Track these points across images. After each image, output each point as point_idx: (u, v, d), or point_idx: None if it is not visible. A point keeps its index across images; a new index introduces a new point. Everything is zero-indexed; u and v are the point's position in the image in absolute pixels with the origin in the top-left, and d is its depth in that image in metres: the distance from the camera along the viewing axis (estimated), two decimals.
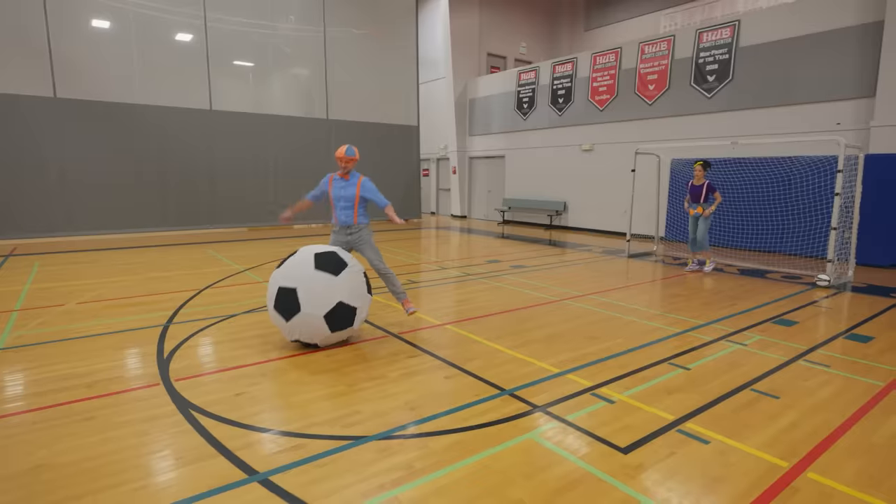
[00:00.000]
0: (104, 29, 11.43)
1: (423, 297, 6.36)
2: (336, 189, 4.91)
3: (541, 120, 14.90)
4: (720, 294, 6.54)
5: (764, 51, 9.97)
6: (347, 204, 4.88)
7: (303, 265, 4.12)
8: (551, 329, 4.97)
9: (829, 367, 4.04)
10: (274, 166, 13.95)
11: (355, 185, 4.92)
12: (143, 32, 11.82)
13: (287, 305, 3.99)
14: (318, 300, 3.98)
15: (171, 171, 12.36)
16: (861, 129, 8.69)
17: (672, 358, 4.18)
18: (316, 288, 4.00)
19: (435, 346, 4.44)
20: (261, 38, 13.51)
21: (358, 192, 4.90)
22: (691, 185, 7.97)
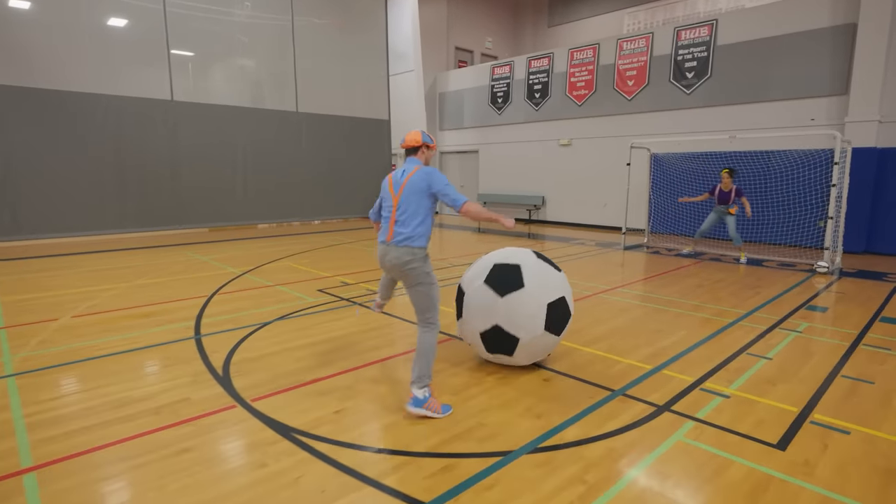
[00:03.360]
0: (52, 11, 10.20)
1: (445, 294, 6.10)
2: None
3: (516, 114, 14.92)
4: (738, 283, 6.74)
5: (741, 49, 10.43)
6: None
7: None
8: (609, 324, 4.88)
9: (889, 349, 4.21)
10: (242, 162, 13.09)
11: None
12: (95, 16, 10.66)
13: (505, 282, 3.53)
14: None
15: (130, 167, 11.26)
16: (834, 124, 9.27)
17: (747, 348, 4.21)
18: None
19: None
20: (226, 27, 12.59)
21: None
22: (719, 190, 8.29)
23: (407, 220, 3.09)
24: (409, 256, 3.06)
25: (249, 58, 13.30)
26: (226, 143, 12.77)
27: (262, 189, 13.54)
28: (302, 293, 6.07)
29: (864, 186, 8.90)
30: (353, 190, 15.52)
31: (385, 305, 3.90)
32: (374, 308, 3.87)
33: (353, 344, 4.29)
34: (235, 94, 13.00)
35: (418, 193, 3.10)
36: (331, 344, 4.28)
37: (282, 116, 13.75)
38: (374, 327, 4.76)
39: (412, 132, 3.29)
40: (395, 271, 3.17)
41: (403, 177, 3.19)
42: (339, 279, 6.89)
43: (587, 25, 17.81)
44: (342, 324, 4.85)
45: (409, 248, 3.07)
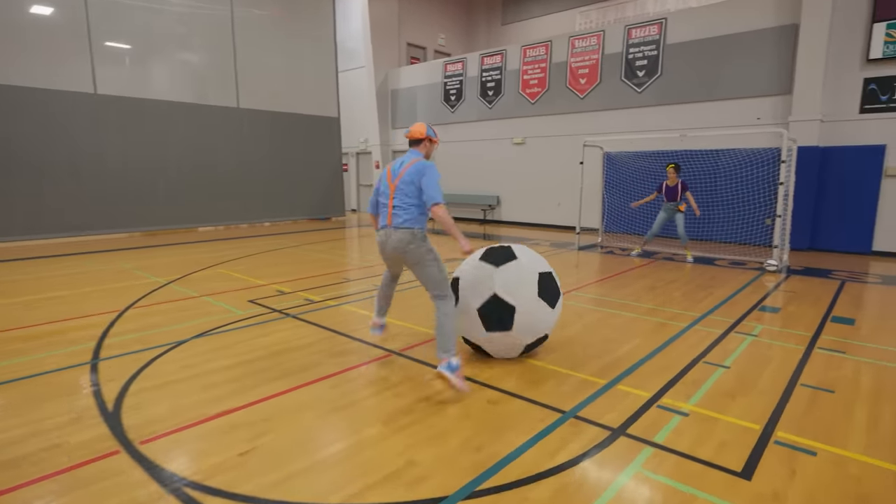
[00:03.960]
0: None
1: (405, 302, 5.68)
2: None
3: (470, 112, 14.61)
4: (691, 284, 6.61)
5: (690, 48, 10.47)
6: None
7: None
8: (563, 332, 4.57)
9: (844, 352, 4.07)
10: (178, 160, 12.19)
11: None
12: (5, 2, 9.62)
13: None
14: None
15: (48, 164, 10.23)
16: (780, 123, 9.39)
17: (704, 356, 3.97)
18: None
19: None
20: (158, 15, 11.68)
21: None
22: (666, 186, 8.15)
23: (404, 207, 3.35)
24: (409, 237, 3.33)
25: (187, 50, 12.42)
26: (160, 140, 11.86)
27: (202, 190, 12.68)
28: (230, 305, 5.49)
29: (808, 184, 9.04)
30: (303, 190, 14.83)
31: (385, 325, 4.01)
32: (375, 331, 3.95)
33: (279, 364, 3.79)
34: (172, 88, 12.09)
35: (413, 184, 3.34)
36: (253, 365, 3.76)
37: (222, 112, 12.93)
38: (308, 343, 4.27)
39: (417, 124, 3.48)
40: (398, 255, 3.41)
41: (401, 167, 3.42)
42: (275, 287, 6.32)
43: (540, 24, 17.72)
44: (270, 340, 4.34)
45: (409, 230, 3.33)
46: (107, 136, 11.01)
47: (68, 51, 10.45)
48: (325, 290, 6.17)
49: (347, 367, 3.75)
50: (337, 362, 3.84)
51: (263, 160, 13.90)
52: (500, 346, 3.73)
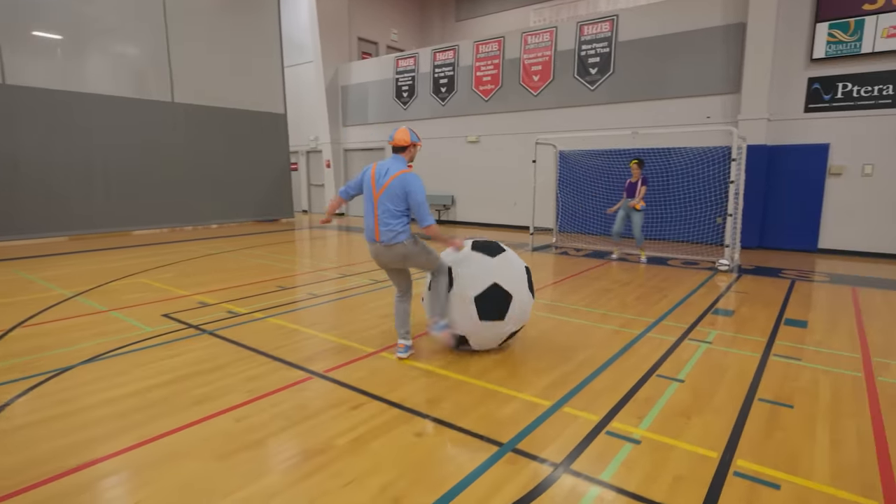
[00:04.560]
0: None
1: (336, 315, 5.19)
2: None
3: (422, 110, 14.17)
4: (645, 286, 6.39)
5: (641, 46, 10.37)
6: None
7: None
8: (514, 341, 4.20)
9: (800, 359, 3.87)
10: (104, 158, 11.21)
11: None
12: None
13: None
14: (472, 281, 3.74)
15: None
16: (729, 122, 9.39)
17: (657, 368, 3.68)
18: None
19: (379, 385, 3.39)
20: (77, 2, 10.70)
21: None
22: (629, 183, 7.91)
23: (389, 219, 3.50)
24: (403, 249, 3.56)
25: (114, 40, 11.45)
26: (85, 136, 10.87)
27: (137, 190, 11.74)
28: (140, 320, 4.86)
29: (756, 183, 9.06)
30: (249, 191, 14.02)
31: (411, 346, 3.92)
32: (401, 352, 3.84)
33: (179, 393, 3.25)
34: (97, 80, 11.11)
35: (397, 198, 3.50)
36: (145, 396, 3.21)
37: (155, 107, 12.01)
38: (219, 365, 3.72)
39: (400, 130, 3.60)
40: (395, 263, 3.66)
41: (386, 177, 3.52)
42: (197, 298, 5.70)
43: (494, 21, 17.48)
44: (175, 363, 3.77)
45: (401, 244, 3.53)
46: (19, 131, 9.97)
47: None
48: (253, 301, 5.60)
49: (260, 394, 3.25)
50: (248, 389, 3.33)
51: (205, 158, 13.04)
52: (486, 336, 3.80)
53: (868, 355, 3.97)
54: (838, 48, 8.53)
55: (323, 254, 9.41)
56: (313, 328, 4.63)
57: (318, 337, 4.38)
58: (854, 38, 8.40)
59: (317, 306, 5.44)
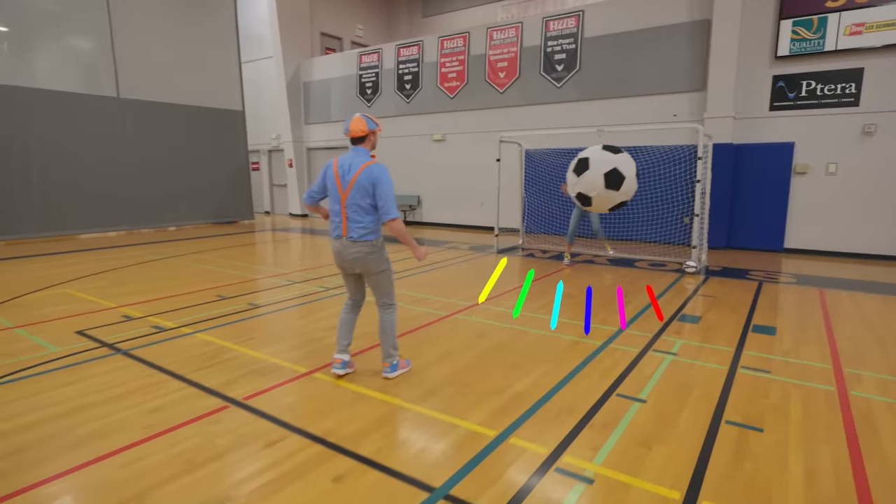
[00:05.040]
0: None
1: (273, 328, 4.72)
2: None
3: (387, 107, 13.71)
4: (610, 290, 6.10)
5: (607, 42, 10.15)
6: None
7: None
8: (456, 361, 3.82)
9: (769, 372, 3.60)
10: (41, 157, 10.42)
11: None
12: None
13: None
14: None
15: None
16: (695, 120, 9.24)
17: (617, 385, 3.35)
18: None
19: (303, 415, 2.96)
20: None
21: None
22: None
23: (358, 216, 3.20)
24: (369, 249, 3.25)
25: (50, 30, 10.65)
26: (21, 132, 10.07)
27: (81, 191, 10.97)
28: (50, 339, 4.31)
29: (723, 182, 8.92)
30: (206, 191, 13.33)
31: (350, 362, 3.56)
32: (337, 368, 3.47)
33: (59, 434, 2.75)
34: (31, 73, 10.31)
35: (366, 192, 3.16)
36: (27, 434, 2.71)
37: (98, 103, 11.24)
38: (124, 393, 3.24)
39: (355, 120, 3.22)
40: (357, 264, 3.29)
41: (351, 173, 3.18)
42: (123, 311, 5.16)
43: (462, 17, 17.13)
44: (73, 391, 3.27)
45: (369, 242, 3.23)
46: None
47: None
48: (185, 313, 5.09)
49: (161, 429, 2.79)
50: (148, 423, 2.86)
51: (158, 157, 12.32)
52: (604, 198, 6.15)
53: (839, 365, 3.73)
54: (802, 45, 8.45)
55: (277, 259, 8.89)
56: (244, 345, 4.16)
57: (247, 355, 3.92)
58: (817, 36, 8.32)
59: (255, 318, 4.97)
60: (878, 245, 8.25)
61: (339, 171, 3.22)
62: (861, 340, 4.31)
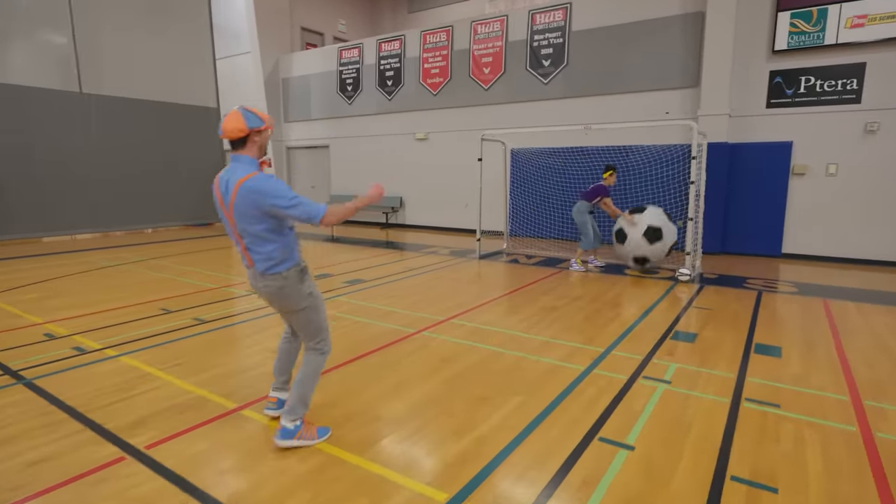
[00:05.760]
0: None
1: (213, 349, 4.15)
2: None
3: (368, 105, 13.13)
4: (597, 302, 5.58)
5: (596, 36, 9.65)
6: None
7: None
8: (415, 394, 3.27)
9: (778, 406, 3.08)
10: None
11: None
12: None
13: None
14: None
15: None
16: (689, 118, 8.75)
17: (601, 426, 2.81)
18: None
19: (214, 472, 2.40)
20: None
21: None
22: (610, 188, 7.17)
23: (256, 246, 2.43)
24: (280, 283, 2.48)
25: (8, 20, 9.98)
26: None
27: (42, 192, 10.32)
28: None
29: (718, 183, 8.43)
30: (179, 192, 12.71)
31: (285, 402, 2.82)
32: (269, 409, 2.91)
33: None
34: None
35: (253, 217, 2.35)
36: None
37: (59, 98, 10.58)
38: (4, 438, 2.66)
39: (230, 116, 2.36)
40: (271, 298, 2.57)
41: (229, 193, 2.36)
42: (47, 328, 4.56)
43: (448, 13, 16.58)
44: None
45: (279, 275, 2.47)
46: None
47: None
48: (116, 331, 4.50)
49: (29, 493, 2.21)
50: (17, 483, 2.28)
51: (126, 156, 11.68)
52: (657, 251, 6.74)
53: (858, 397, 3.22)
54: (801, 39, 7.99)
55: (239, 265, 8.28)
56: (171, 371, 3.59)
57: (171, 385, 3.35)
58: (817, 29, 7.86)
59: (193, 337, 4.39)
60: (881, 250, 7.80)
61: (221, 189, 2.40)
62: (877, 364, 3.81)
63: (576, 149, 9.60)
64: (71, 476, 2.35)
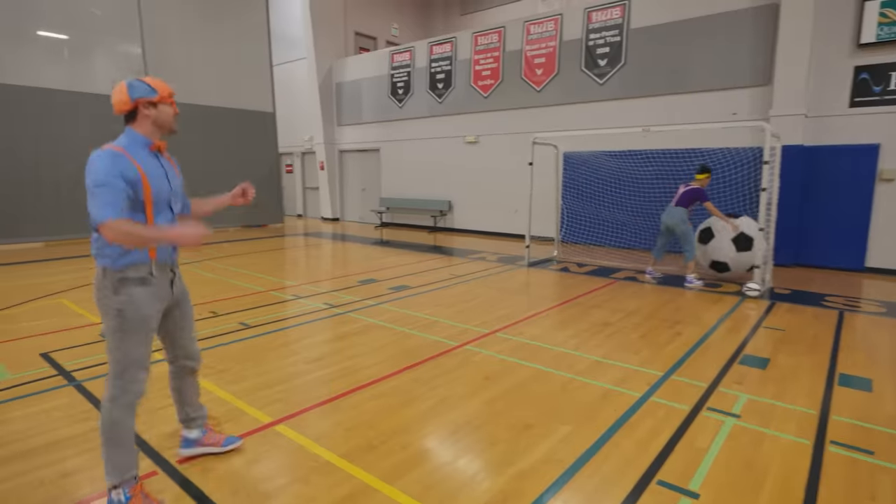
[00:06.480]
0: None
1: (254, 357, 4.12)
2: (162, 178, 2.20)
3: (419, 108, 13.10)
4: (654, 318, 5.19)
5: (656, 33, 9.14)
6: (181, 209, 2.39)
7: None
8: (452, 412, 3.08)
9: (872, 453, 2.67)
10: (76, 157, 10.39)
11: (177, 165, 2.49)
12: None
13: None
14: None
15: None
16: (759, 119, 8.11)
17: (660, 466, 2.51)
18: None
19: (232, 494, 2.30)
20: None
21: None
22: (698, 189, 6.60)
23: (93, 230, 2.02)
24: (98, 275, 2.07)
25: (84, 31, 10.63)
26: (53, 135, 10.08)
27: None
28: (8, 361, 3.87)
29: (791, 189, 7.74)
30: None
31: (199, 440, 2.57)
32: (184, 449, 2.56)
33: None
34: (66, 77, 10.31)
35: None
36: None
37: None
38: (27, 450, 2.69)
39: (115, 89, 2.07)
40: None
41: None
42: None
43: (501, 13, 16.34)
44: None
45: (99, 268, 2.06)
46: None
47: None
48: None
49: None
50: (40, 499, 2.27)
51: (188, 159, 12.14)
52: (742, 261, 6.41)
53: None
54: (892, 31, 7.20)
55: (288, 268, 8.40)
56: (214, 378, 3.57)
57: (211, 394, 3.33)
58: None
59: (237, 343, 4.39)
60: None
61: None
62: None
63: (633, 152, 9.12)
64: (101, 491, 2.32)
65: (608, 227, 9.35)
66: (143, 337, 2.10)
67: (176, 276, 2.33)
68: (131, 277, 2.05)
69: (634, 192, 8.97)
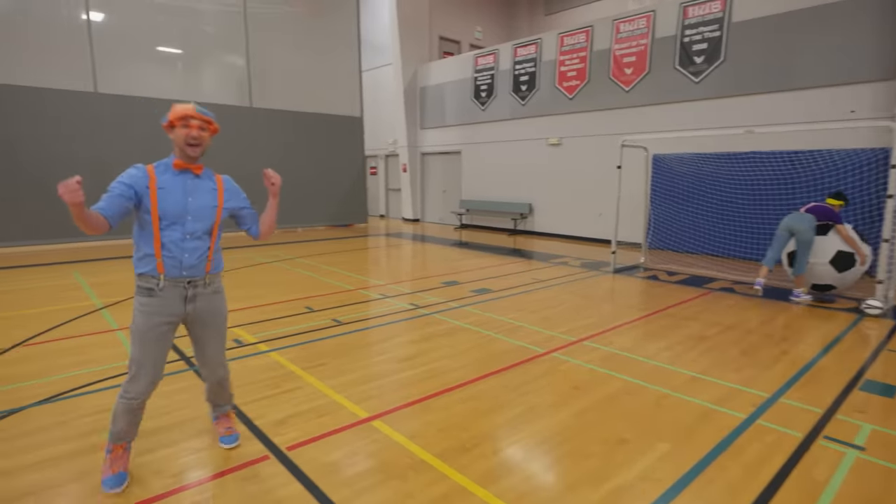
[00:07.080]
0: None
1: (348, 353, 4.34)
2: (179, 196, 2.31)
3: (501, 110, 13.10)
4: (756, 333, 4.85)
5: (760, 26, 8.50)
6: (203, 229, 2.37)
7: None
8: (540, 422, 3.07)
9: None
10: None
11: (215, 188, 2.47)
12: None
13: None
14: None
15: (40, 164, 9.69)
16: (882, 117, 7.30)
17: (771, 497, 2.36)
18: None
19: (338, 482, 2.44)
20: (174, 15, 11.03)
21: (221, 202, 2.46)
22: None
23: None
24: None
25: (196, 46, 11.71)
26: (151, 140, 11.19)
27: None
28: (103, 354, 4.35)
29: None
30: (323, 195, 13.86)
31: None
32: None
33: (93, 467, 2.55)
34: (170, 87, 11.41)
35: None
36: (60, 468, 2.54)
37: (234, 112, 12.12)
38: (167, 424, 3.01)
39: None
40: None
41: None
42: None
43: (587, 12, 15.95)
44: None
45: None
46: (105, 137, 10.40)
47: (69, 50, 9.94)
48: (268, 326, 4.93)
49: (186, 482, 2.44)
50: (178, 467, 2.53)
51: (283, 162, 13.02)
52: (848, 279, 5.87)
53: None
54: None
55: (374, 267, 8.72)
56: (313, 372, 3.81)
57: (311, 386, 3.55)
58: None
59: (331, 338, 4.64)
60: None
61: None
62: None
63: (731, 154, 8.54)
64: (223, 469, 2.56)
65: (701, 233, 8.82)
66: (144, 344, 2.29)
67: (196, 293, 2.37)
68: (141, 287, 2.29)
69: (732, 196, 8.40)
